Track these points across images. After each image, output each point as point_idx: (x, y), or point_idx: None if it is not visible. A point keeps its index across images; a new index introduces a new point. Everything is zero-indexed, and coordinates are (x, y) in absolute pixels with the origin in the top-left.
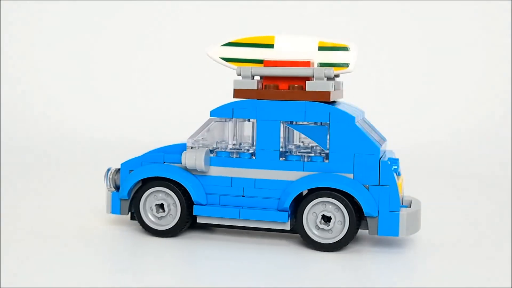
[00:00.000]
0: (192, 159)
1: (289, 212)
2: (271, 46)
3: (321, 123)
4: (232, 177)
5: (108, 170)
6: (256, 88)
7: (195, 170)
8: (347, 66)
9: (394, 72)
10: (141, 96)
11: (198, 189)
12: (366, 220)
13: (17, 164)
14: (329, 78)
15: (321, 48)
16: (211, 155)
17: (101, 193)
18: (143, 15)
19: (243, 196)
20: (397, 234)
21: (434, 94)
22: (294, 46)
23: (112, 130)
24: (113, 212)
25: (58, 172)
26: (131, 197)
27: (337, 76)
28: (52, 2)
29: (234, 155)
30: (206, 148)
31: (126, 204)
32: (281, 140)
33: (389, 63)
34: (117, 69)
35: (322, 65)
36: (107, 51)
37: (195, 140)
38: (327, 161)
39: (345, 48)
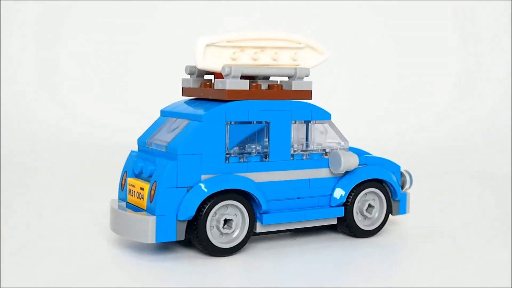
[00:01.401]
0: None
1: None
2: None
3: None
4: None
5: None
6: None
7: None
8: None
9: (394, 72)
10: (142, 96)
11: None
12: None
13: (17, 164)
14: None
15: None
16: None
17: (102, 194)
18: (143, 15)
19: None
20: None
21: (431, 94)
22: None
23: (112, 131)
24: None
25: (58, 173)
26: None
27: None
28: (52, 2)
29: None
30: None
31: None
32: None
33: (389, 63)
34: (117, 69)
35: None
36: (107, 51)
37: None
38: None
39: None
